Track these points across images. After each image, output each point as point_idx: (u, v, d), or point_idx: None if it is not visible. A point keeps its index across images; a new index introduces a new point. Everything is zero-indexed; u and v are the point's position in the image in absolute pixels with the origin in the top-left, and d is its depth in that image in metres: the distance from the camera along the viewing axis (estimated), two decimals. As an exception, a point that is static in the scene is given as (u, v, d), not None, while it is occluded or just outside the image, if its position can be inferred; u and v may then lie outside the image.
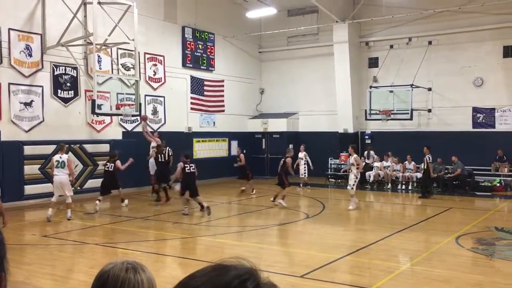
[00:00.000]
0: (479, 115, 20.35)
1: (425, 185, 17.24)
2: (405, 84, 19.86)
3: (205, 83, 22.03)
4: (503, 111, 19.88)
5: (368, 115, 20.36)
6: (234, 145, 22.39)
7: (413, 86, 19.59)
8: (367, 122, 21.98)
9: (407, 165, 19.75)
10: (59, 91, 16.19)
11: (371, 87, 20.89)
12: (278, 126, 24.03)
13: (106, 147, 17.12)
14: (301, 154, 20.14)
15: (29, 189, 15.02)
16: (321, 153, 21.64)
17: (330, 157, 22.33)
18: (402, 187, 19.63)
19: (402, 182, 19.71)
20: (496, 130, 19.90)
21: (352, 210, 14.09)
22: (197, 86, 21.67)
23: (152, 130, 18.26)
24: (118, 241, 10.26)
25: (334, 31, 22.09)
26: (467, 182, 18.51)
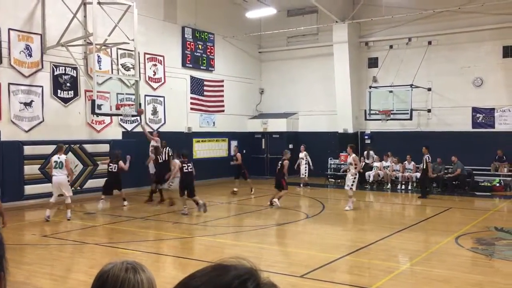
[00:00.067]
0: (479, 115, 20.36)
1: (424, 185, 17.25)
2: (405, 84, 19.86)
3: (205, 83, 22.02)
4: (503, 111, 19.89)
5: (368, 115, 20.35)
6: (234, 145, 22.37)
7: (413, 86, 19.59)
8: (367, 122, 21.98)
9: (407, 165, 19.74)
10: (59, 91, 16.19)
11: (371, 87, 20.88)
12: (278, 126, 24.02)
13: (106, 147, 17.14)
14: (302, 154, 20.13)
15: (29, 189, 15.03)
16: (321, 153, 21.63)
17: (330, 157, 22.34)
18: (402, 187, 19.63)
19: (402, 182, 19.71)
20: (496, 130, 19.91)
21: (350, 211, 14.07)
22: (197, 86, 21.66)
23: (152, 130, 18.26)
24: (118, 241, 10.26)
25: (334, 31, 22.09)
26: (467, 182, 18.52)
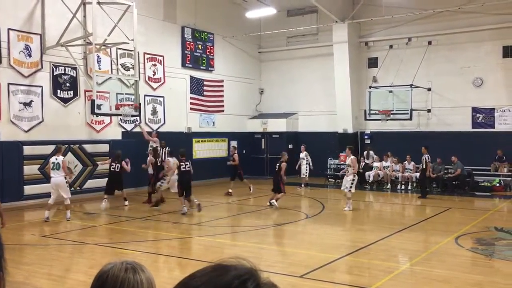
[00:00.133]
0: (479, 115, 20.36)
1: (424, 185, 17.25)
2: (405, 84, 19.86)
3: (205, 83, 22.02)
4: (503, 111, 19.89)
5: (368, 115, 20.34)
6: (232, 146, 22.35)
7: (413, 86, 19.58)
8: (367, 122, 21.97)
9: (407, 165, 19.74)
10: (59, 91, 16.18)
11: (371, 87, 20.87)
12: (278, 126, 24.02)
13: (106, 147, 17.15)
14: (302, 154, 20.13)
15: (29, 189, 15.03)
16: (321, 153, 21.63)
17: (330, 157, 22.33)
18: (402, 187, 19.63)
19: (402, 182, 19.71)
20: (496, 130, 19.91)
21: (350, 211, 14.06)
22: (197, 86, 21.66)
23: (151, 130, 18.25)
24: (118, 241, 10.25)
25: (334, 31, 22.08)
26: (467, 182, 18.52)
